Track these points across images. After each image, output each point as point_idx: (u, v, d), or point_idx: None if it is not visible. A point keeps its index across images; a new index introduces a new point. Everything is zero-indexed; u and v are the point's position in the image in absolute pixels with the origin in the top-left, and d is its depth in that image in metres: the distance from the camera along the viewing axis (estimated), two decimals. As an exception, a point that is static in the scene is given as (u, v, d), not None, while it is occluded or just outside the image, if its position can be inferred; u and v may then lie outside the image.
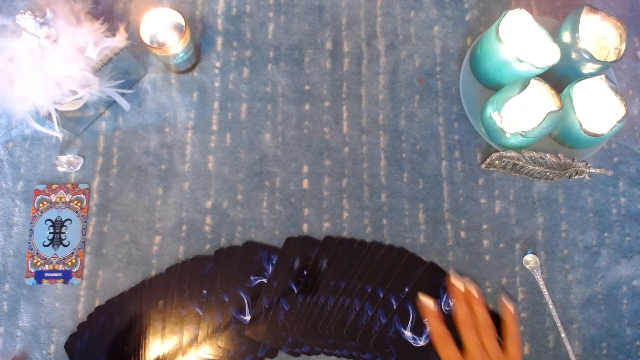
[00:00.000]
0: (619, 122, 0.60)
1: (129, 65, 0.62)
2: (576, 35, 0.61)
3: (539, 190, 0.67)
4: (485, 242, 0.66)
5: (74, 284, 0.62)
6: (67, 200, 0.64)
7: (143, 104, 0.67)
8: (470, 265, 0.65)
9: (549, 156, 0.64)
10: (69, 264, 0.63)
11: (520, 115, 0.61)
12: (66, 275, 0.62)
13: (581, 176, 0.66)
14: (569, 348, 0.63)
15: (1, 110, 0.65)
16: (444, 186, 0.67)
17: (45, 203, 0.64)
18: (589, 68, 0.62)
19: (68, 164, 0.65)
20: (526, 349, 0.63)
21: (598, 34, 0.64)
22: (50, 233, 0.63)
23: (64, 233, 0.63)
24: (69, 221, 0.64)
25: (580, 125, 0.60)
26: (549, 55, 0.61)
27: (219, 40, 0.69)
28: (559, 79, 0.64)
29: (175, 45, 0.59)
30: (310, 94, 0.69)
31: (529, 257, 0.65)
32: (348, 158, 0.67)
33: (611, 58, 0.63)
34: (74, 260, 0.63)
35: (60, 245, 0.63)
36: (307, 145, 0.67)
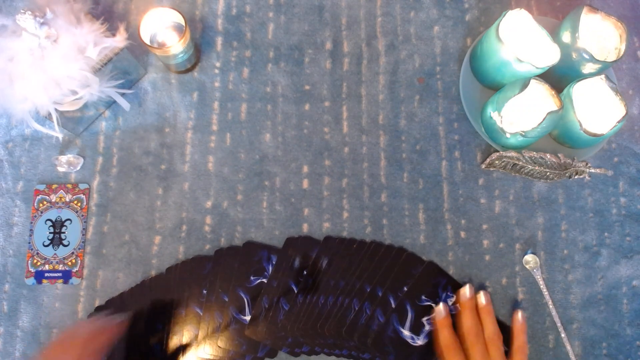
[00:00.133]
0: (619, 122, 0.60)
1: (129, 65, 0.63)
2: (576, 35, 0.61)
3: (539, 190, 0.67)
4: (485, 242, 0.66)
5: (74, 284, 0.62)
6: (67, 200, 0.64)
7: (143, 104, 0.67)
8: (470, 265, 0.65)
9: (549, 156, 0.64)
10: (69, 264, 0.63)
11: (520, 115, 0.61)
12: (66, 275, 0.62)
13: (581, 176, 0.66)
14: (569, 348, 0.63)
15: (1, 110, 0.64)
16: (444, 186, 0.67)
17: (45, 203, 0.64)
18: (589, 68, 0.62)
19: (68, 164, 0.65)
20: (526, 349, 0.63)
21: (598, 34, 0.64)
22: (50, 233, 0.63)
23: (64, 233, 0.63)
24: (69, 221, 0.64)
25: (580, 125, 0.60)
26: (549, 55, 0.61)
27: (219, 40, 0.69)
28: (559, 79, 0.64)
29: (175, 45, 0.59)
30: (310, 94, 0.69)
31: (529, 257, 0.65)
32: (348, 158, 0.67)
33: (611, 58, 0.63)
34: (74, 260, 0.63)
35: (60, 245, 0.63)
36: (307, 145, 0.67)
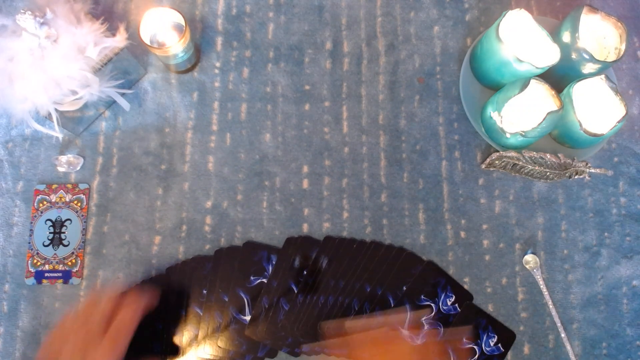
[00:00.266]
0: (619, 122, 0.60)
1: (129, 65, 0.62)
2: (576, 35, 0.61)
3: (539, 190, 0.67)
4: (485, 242, 0.66)
5: (74, 284, 0.62)
6: (67, 200, 0.64)
7: (143, 104, 0.67)
8: (470, 265, 0.65)
9: (549, 156, 0.64)
10: (69, 264, 0.63)
11: (520, 115, 0.61)
12: (66, 275, 0.62)
13: (581, 176, 0.66)
14: (569, 348, 0.63)
15: (1, 110, 0.65)
16: (444, 186, 0.67)
17: (45, 203, 0.64)
18: (589, 68, 0.62)
19: (68, 164, 0.65)
20: (526, 349, 0.63)
21: (598, 34, 0.64)
22: (50, 233, 0.63)
23: (64, 233, 0.63)
24: (69, 221, 0.64)
25: (580, 125, 0.60)
26: (549, 55, 0.61)
27: (219, 40, 0.69)
28: (559, 79, 0.64)
29: (175, 45, 0.59)
30: (310, 94, 0.68)
31: (529, 257, 0.65)
32: (348, 158, 0.67)
33: (611, 58, 0.63)
34: (74, 260, 0.63)
35: (60, 245, 0.63)
36: (307, 145, 0.67)
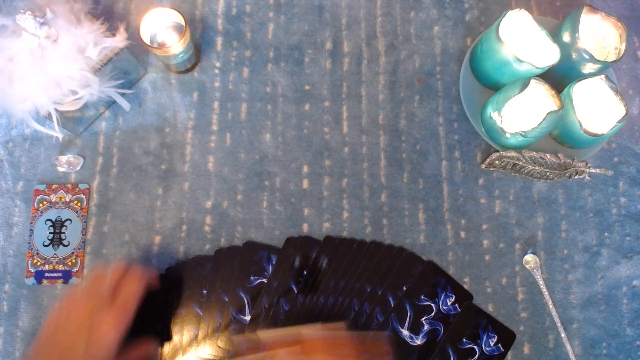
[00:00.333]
0: (619, 122, 0.60)
1: (129, 65, 0.62)
2: (576, 35, 0.61)
3: (539, 190, 0.67)
4: (485, 242, 0.66)
5: (74, 284, 0.62)
6: (67, 200, 0.64)
7: (143, 104, 0.67)
8: (470, 265, 0.65)
9: (549, 156, 0.64)
10: (69, 264, 0.63)
11: (520, 115, 0.61)
12: (66, 275, 0.62)
13: (581, 176, 0.66)
14: (569, 348, 0.63)
15: (1, 110, 0.64)
16: (444, 186, 0.67)
17: (45, 203, 0.64)
18: (589, 68, 0.62)
19: (68, 164, 0.65)
20: (526, 349, 0.63)
21: (598, 34, 0.64)
22: (50, 233, 0.63)
23: (64, 233, 0.63)
24: (69, 221, 0.64)
25: (580, 125, 0.60)
26: (549, 55, 0.61)
27: (219, 40, 0.69)
28: (559, 79, 0.64)
29: (175, 45, 0.59)
30: (310, 94, 0.68)
31: (529, 257, 0.65)
32: (348, 158, 0.67)
33: (611, 58, 0.63)
34: (74, 260, 0.63)
35: (60, 245, 0.63)
36: (307, 145, 0.67)
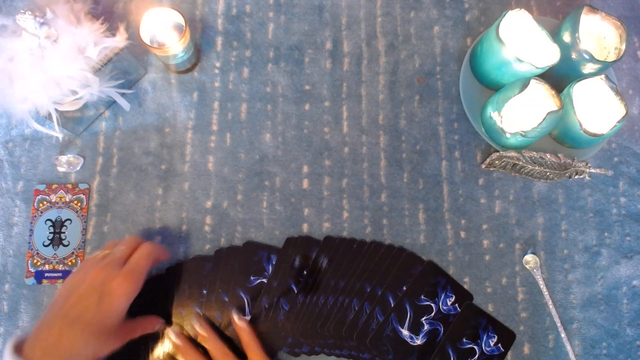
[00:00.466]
0: (619, 122, 0.60)
1: (129, 65, 0.62)
2: (576, 35, 0.61)
3: (539, 190, 0.67)
4: (485, 242, 0.66)
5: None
6: (67, 200, 0.64)
7: (143, 104, 0.67)
8: (470, 265, 0.65)
9: (549, 156, 0.64)
10: (69, 264, 0.63)
11: (520, 115, 0.61)
12: (66, 275, 0.62)
13: (581, 176, 0.66)
14: (569, 348, 0.63)
15: (1, 110, 0.64)
16: (444, 186, 0.67)
17: (45, 203, 0.64)
18: (589, 68, 0.62)
19: (68, 164, 0.65)
20: (526, 349, 0.63)
21: (598, 34, 0.64)
22: (50, 233, 0.63)
23: (64, 233, 0.63)
24: (69, 221, 0.64)
25: (580, 125, 0.60)
26: (549, 55, 0.61)
27: (219, 40, 0.69)
28: (559, 79, 0.64)
29: (175, 45, 0.59)
30: (310, 94, 0.69)
31: (529, 257, 0.65)
32: (348, 158, 0.67)
33: (611, 58, 0.63)
34: (74, 260, 0.63)
35: (60, 245, 0.63)
36: (307, 145, 0.67)
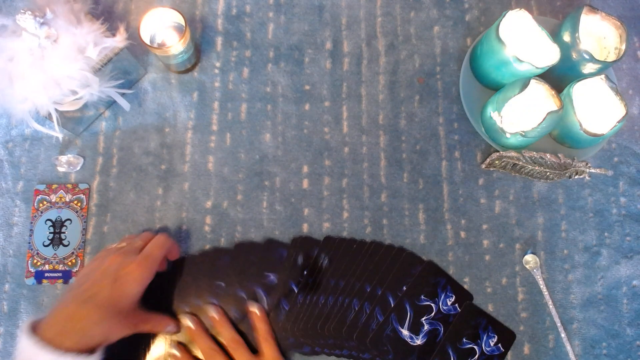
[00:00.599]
0: (619, 122, 0.60)
1: (129, 65, 0.62)
2: (576, 35, 0.61)
3: (539, 190, 0.67)
4: (485, 242, 0.66)
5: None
6: (67, 200, 0.64)
7: (143, 104, 0.67)
8: (470, 265, 0.65)
9: (549, 156, 0.64)
10: (69, 264, 0.63)
11: (520, 115, 0.61)
12: (66, 275, 0.62)
13: (581, 176, 0.66)
14: (569, 348, 0.63)
15: (1, 110, 0.65)
16: (444, 186, 0.67)
17: (45, 203, 0.64)
18: (589, 68, 0.62)
19: (68, 164, 0.65)
20: (526, 349, 0.63)
21: (598, 34, 0.64)
22: (50, 233, 0.63)
23: (64, 233, 0.63)
24: (69, 221, 0.64)
25: (580, 125, 0.60)
26: (549, 55, 0.61)
27: (219, 40, 0.69)
28: (559, 79, 0.64)
29: (175, 45, 0.59)
30: (310, 94, 0.69)
31: (529, 257, 0.65)
32: (348, 158, 0.67)
33: (611, 58, 0.63)
34: (74, 260, 0.63)
35: (60, 245, 0.63)
36: (307, 145, 0.67)
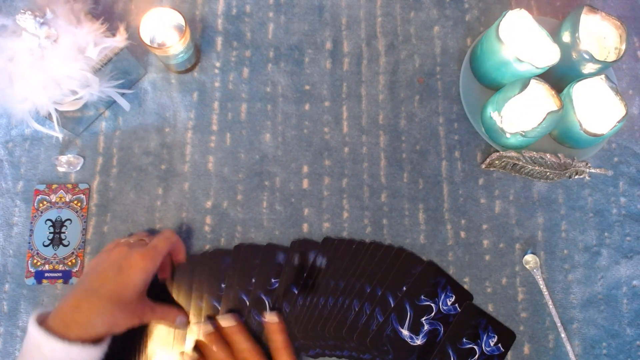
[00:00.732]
0: (619, 122, 0.60)
1: (129, 65, 0.63)
2: (576, 35, 0.61)
3: (539, 190, 0.67)
4: (485, 242, 0.66)
5: (74, 284, 0.62)
6: (67, 200, 0.64)
7: (143, 104, 0.67)
8: (470, 265, 0.65)
9: (549, 156, 0.64)
10: (69, 264, 0.63)
11: (520, 115, 0.61)
12: (66, 275, 0.62)
13: (581, 176, 0.66)
14: (569, 348, 0.63)
15: (1, 110, 0.65)
16: (444, 186, 0.67)
17: (45, 203, 0.64)
18: (589, 68, 0.62)
19: (68, 164, 0.65)
20: (526, 349, 0.63)
21: (598, 34, 0.64)
22: (50, 233, 0.63)
23: (64, 233, 0.63)
24: (69, 221, 0.64)
25: (580, 125, 0.60)
26: (549, 55, 0.61)
27: (219, 40, 0.69)
28: (559, 79, 0.64)
29: (175, 45, 0.59)
30: (310, 94, 0.69)
31: (529, 257, 0.65)
32: (348, 158, 0.67)
33: (611, 58, 0.63)
34: (74, 260, 0.63)
35: (60, 245, 0.63)
36: (307, 145, 0.67)
